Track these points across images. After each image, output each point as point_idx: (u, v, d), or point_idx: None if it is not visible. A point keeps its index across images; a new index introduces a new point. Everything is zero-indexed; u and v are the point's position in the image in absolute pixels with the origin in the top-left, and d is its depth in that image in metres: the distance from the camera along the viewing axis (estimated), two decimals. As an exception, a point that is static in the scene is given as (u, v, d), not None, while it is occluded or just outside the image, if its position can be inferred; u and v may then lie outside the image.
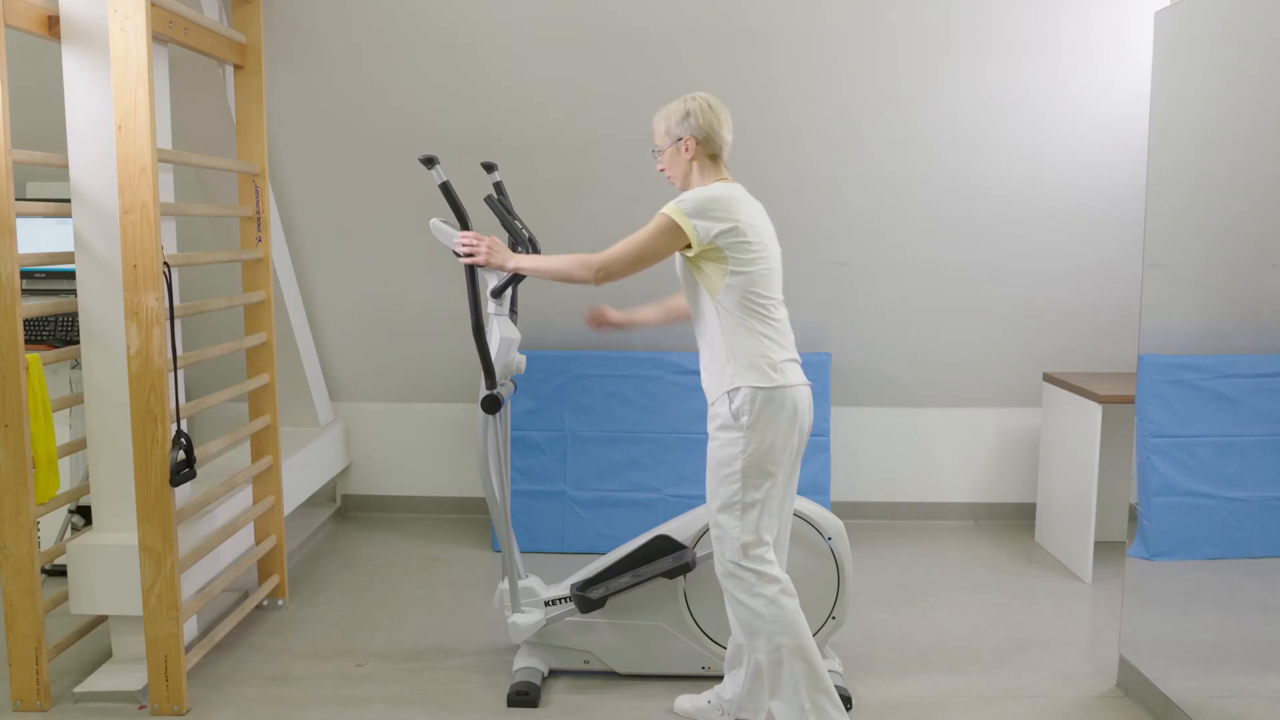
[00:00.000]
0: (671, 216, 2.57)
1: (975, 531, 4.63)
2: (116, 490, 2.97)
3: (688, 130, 2.67)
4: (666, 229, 2.58)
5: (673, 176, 2.75)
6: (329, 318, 4.56)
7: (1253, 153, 2.72)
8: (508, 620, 3.04)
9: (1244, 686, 2.77)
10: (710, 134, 2.68)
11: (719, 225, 2.57)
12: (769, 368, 2.59)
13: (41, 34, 2.88)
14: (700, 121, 2.67)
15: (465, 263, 2.77)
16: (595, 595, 3.00)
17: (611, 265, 2.60)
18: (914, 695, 3.05)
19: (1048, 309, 4.40)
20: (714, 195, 2.61)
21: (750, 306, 2.61)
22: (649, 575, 2.99)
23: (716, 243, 2.57)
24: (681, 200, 2.60)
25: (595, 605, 3.02)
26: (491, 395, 2.94)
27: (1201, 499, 2.89)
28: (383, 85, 4.00)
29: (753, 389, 2.57)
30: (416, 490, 4.85)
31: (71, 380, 3.86)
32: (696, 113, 2.67)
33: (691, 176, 2.72)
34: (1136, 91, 3.82)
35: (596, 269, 2.61)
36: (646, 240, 2.59)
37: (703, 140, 2.68)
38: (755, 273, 2.61)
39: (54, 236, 3.80)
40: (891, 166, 4.12)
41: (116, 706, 2.94)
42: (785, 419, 2.60)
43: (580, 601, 3.01)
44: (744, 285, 2.60)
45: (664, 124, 2.72)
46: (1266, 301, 2.70)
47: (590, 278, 2.62)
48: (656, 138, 2.76)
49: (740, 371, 2.59)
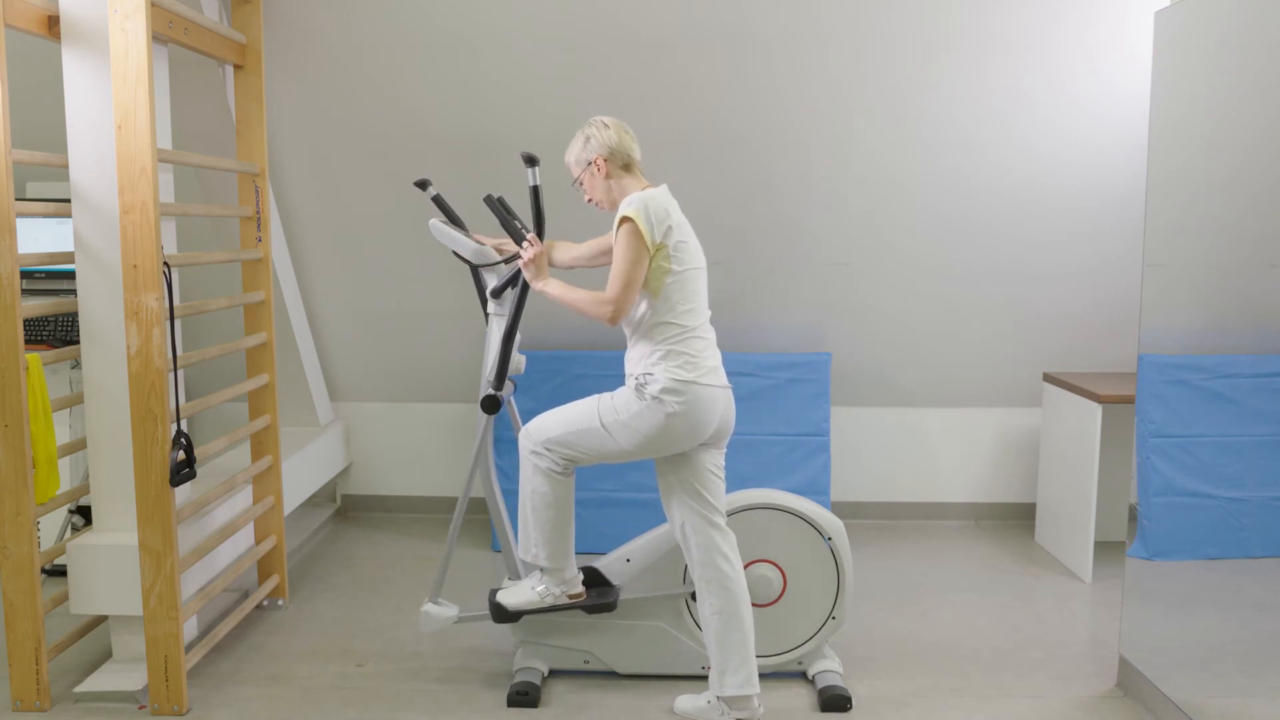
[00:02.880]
0: (632, 218, 2.68)
1: (975, 531, 4.63)
2: (116, 490, 2.97)
3: (593, 152, 2.82)
4: (635, 234, 2.69)
5: (599, 201, 2.88)
6: (329, 318, 4.56)
7: (1253, 153, 2.72)
8: (421, 607, 3.07)
9: (1244, 686, 2.77)
10: (614, 148, 2.81)
11: (661, 225, 2.70)
12: (691, 365, 2.74)
13: (41, 34, 2.88)
14: (601, 139, 2.82)
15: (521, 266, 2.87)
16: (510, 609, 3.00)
17: (618, 295, 2.71)
18: (914, 695, 3.05)
19: (1048, 309, 4.40)
20: (646, 198, 2.73)
21: (682, 306, 2.75)
22: (564, 606, 2.99)
23: (663, 241, 2.70)
24: (629, 203, 2.72)
25: (508, 619, 3.02)
26: (491, 395, 2.94)
27: (1201, 499, 2.89)
28: (383, 85, 4.00)
29: (667, 378, 2.71)
30: (416, 490, 4.85)
31: (71, 380, 3.86)
32: (595, 134, 2.82)
33: (614, 192, 2.84)
34: (1136, 92, 3.82)
35: (611, 305, 2.72)
36: (628, 254, 2.70)
37: (610, 156, 2.81)
38: (688, 272, 2.76)
39: (54, 236, 3.80)
40: (891, 167, 4.12)
41: (116, 706, 2.94)
42: (690, 416, 2.72)
43: (494, 609, 3.01)
44: (680, 285, 2.74)
45: (572, 156, 2.89)
46: (1266, 301, 2.70)
47: (606, 314, 2.73)
48: (572, 172, 2.89)
49: (663, 364, 2.73)
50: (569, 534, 2.92)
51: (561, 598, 2.97)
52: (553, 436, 2.83)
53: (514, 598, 2.98)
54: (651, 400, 2.72)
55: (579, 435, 2.81)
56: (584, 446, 2.82)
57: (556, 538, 2.90)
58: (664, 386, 2.71)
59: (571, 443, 2.82)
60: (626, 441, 2.77)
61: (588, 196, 2.89)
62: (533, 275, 2.85)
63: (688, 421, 2.73)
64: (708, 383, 2.75)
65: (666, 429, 2.73)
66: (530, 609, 2.98)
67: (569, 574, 2.95)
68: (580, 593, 2.98)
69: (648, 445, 2.77)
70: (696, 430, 2.76)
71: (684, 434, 2.75)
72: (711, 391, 2.76)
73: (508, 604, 2.98)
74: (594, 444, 2.81)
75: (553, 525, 2.88)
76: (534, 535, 2.90)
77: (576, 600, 2.98)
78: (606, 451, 2.82)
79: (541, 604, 2.97)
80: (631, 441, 2.77)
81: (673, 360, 2.73)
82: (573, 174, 2.90)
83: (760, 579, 3.05)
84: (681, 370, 2.72)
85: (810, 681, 3.08)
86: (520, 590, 2.99)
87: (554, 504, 2.87)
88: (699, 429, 2.76)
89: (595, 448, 2.81)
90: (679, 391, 2.71)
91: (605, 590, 3.05)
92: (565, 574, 2.95)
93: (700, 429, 2.76)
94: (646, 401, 2.73)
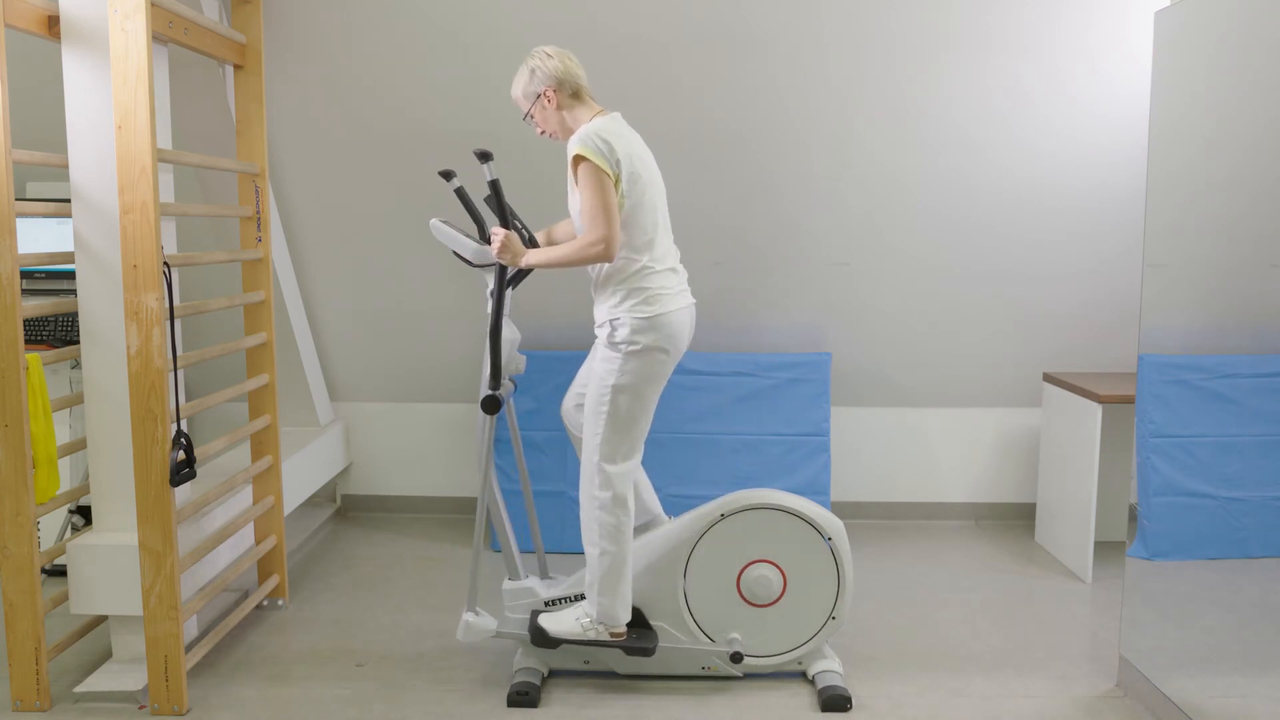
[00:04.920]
0: (583, 155, 2.71)
1: (975, 531, 4.63)
2: (116, 490, 2.97)
3: (540, 84, 2.83)
4: (592, 167, 2.71)
5: (553, 132, 2.90)
6: (329, 318, 4.56)
7: (1253, 153, 2.72)
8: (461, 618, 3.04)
9: (1244, 686, 2.77)
10: (562, 76, 2.83)
11: (611, 155, 2.72)
12: (655, 299, 2.82)
13: (41, 34, 2.88)
14: (547, 69, 2.83)
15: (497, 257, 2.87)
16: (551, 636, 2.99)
17: (601, 229, 2.73)
18: (914, 695, 3.05)
19: (1048, 309, 4.40)
20: (596, 129, 2.75)
21: (640, 239, 2.81)
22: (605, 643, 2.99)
23: (616, 169, 2.73)
24: (578, 139, 2.74)
25: (548, 644, 3.01)
26: (491, 395, 2.94)
27: (1201, 499, 2.89)
28: (383, 85, 4.00)
29: (631, 318, 2.80)
30: (416, 490, 4.85)
31: (71, 380, 3.86)
32: (540, 65, 2.84)
33: (567, 122, 2.86)
34: (1136, 92, 3.82)
35: (595, 242, 2.73)
36: (593, 186, 2.72)
37: (559, 86, 2.82)
38: (643, 203, 2.80)
39: (54, 236, 3.80)
40: (891, 167, 4.12)
41: (116, 706, 2.94)
42: (666, 344, 2.84)
43: (535, 632, 3.00)
44: (633, 218, 2.78)
45: (519, 90, 2.89)
46: (1266, 301, 2.70)
47: (601, 251, 2.74)
48: (521, 107, 2.90)
49: (625, 304, 2.81)
50: (626, 581, 2.95)
51: (604, 634, 2.97)
52: (603, 441, 2.86)
53: (558, 625, 2.98)
54: (628, 350, 2.80)
55: (614, 426, 2.84)
56: (624, 428, 2.85)
57: (613, 583, 2.93)
58: (632, 328, 2.79)
59: (615, 435, 2.85)
60: (640, 397, 2.85)
61: (540, 129, 2.90)
62: (511, 259, 2.85)
63: (669, 351, 2.85)
64: (673, 308, 2.85)
65: (653, 366, 2.83)
66: (571, 639, 2.98)
67: (619, 620, 2.98)
68: (622, 632, 2.98)
69: (653, 389, 2.86)
70: (676, 354, 2.90)
71: (669, 362, 2.88)
72: (679, 315, 2.87)
73: (551, 631, 2.98)
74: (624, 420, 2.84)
75: (612, 572, 2.91)
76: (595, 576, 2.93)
77: (618, 639, 2.98)
78: (642, 416, 2.87)
79: (584, 637, 2.97)
80: (642, 393, 2.85)
81: (635, 299, 2.81)
82: (522, 109, 2.89)
83: (760, 579, 3.05)
84: (646, 306, 2.81)
85: (810, 681, 3.08)
86: (565, 619, 2.99)
87: (616, 556, 2.90)
88: (677, 353, 2.90)
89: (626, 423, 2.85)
90: (648, 329, 2.81)
91: (646, 634, 3.04)
92: (615, 619, 2.97)
93: (678, 352, 2.90)
94: (623, 354, 2.80)
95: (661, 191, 2.91)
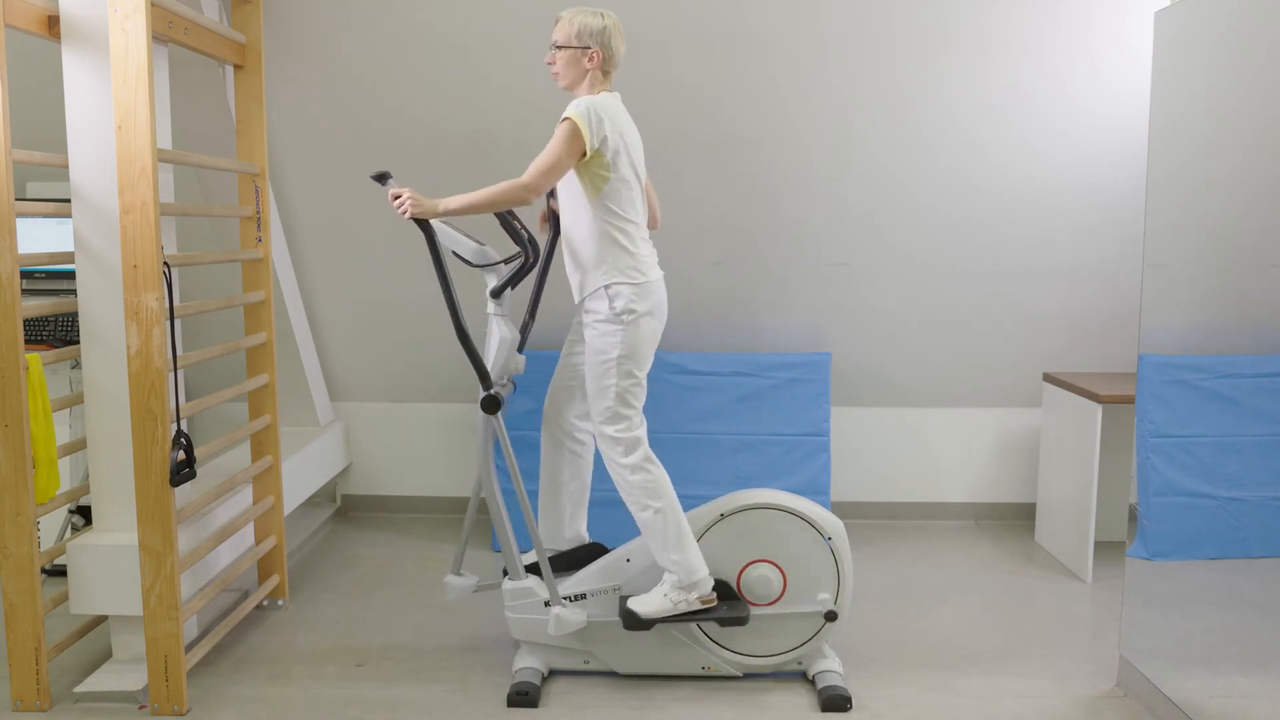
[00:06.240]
0: (574, 119, 2.76)
1: (975, 531, 4.63)
2: (116, 490, 2.97)
3: (598, 43, 2.88)
4: (573, 133, 2.77)
5: (565, 78, 2.94)
6: (329, 318, 4.56)
7: (1253, 153, 2.72)
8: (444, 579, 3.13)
9: (1244, 686, 2.77)
10: (614, 53, 2.94)
11: (599, 131, 2.78)
12: (645, 266, 2.93)
13: (41, 34, 2.88)
14: (611, 41, 2.90)
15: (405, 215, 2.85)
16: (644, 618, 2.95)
17: (536, 179, 2.79)
18: (914, 695, 3.05)
19: (1048, 309, 4.40)
20: (600, 103, 2.84)
21: (630, 210, 2.90)
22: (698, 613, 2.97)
23: (602, 149, 2.79)
24: (576, 105, 2.80)
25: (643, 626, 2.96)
26: (491, 395, 2.94)
27: (1201, 499, 2.89)
28: (383, 85, 4.00)
29: (625, 286, 2.88)
30: (416, 490, 4.85)
31: (71, 380, 3.86)
32: (612, 31, 2.92)
33: (584, 84, 2.92)
34: (1136, 91, 3.82)
35: (526, 186, 2.79)
36: (559, 147, 2.78)
37: (607, 58, 2.92)
38: (629, 180, 2.90)
39: (54, 236, 3.80)
40: (891, 167, 4.12)
41: (116, 706, 2.94)
42: (655, 310, 2.94)
43: (627, 617, 2.96)
44: (618, 189, 2.87)
45: (575, 27, 2.90)
46: (1266, 301, 2.70)
47: (524, 195, 2.79)
48: (560, 35, 2.92)
49: (611, 271, 2.88)
50: (689, 533, 2.94)
51: (694, 603, 2.93)
52: (614, 413, 2.91)
53: (647, 606, 2.94)
54: (629, 320, 2.87)
55: (617, 393, 2.89)
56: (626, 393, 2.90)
57: (680, 540, 2.91)
58: (628, 297, 2.88)
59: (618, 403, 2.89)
60: (642, 365, 2.93)
61: (551, 61, 2.94)
62: (417, 206, 2.81)
63: (656, 317, 2.96)
64: (654, 277, 2.96)
65: (649, 332, 2.92)
66: (664, 617, 2.95)
67: (701, 575, 2.93)
68: (712, 599, 2.96)
69: (650, 353, 2.95)
70: (663, 321, 3.00)
71: (659, 329, 2.99)
72: (660, 285, 2.99)
73: (642, 613, 2.94)
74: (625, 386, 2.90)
75: (675, 530, 2.91)
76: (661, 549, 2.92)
77: (709, 607, 2.96)
78: (643, 380, 2.94)
79: (675, 611, 2.94)
80: (644, 360, 2.93)
81: (625, 264, 2.88)
82: (560, 36, 2.91)
83: (760, 579, 3.04)
84: (636, 273, 2.90)
85: (810, 681, 3.08)
86: (652, 599, 2.95)
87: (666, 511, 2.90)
88: (663, 319, 3.00)
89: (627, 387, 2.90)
90: (641, 296, 2.90)
91: (736, 604, 3.02)
92: (697, 576, 2.93)
93: (663, 319, 3.00)
94: (624, 325, 2.87)
95: (643, 166, 3.00)
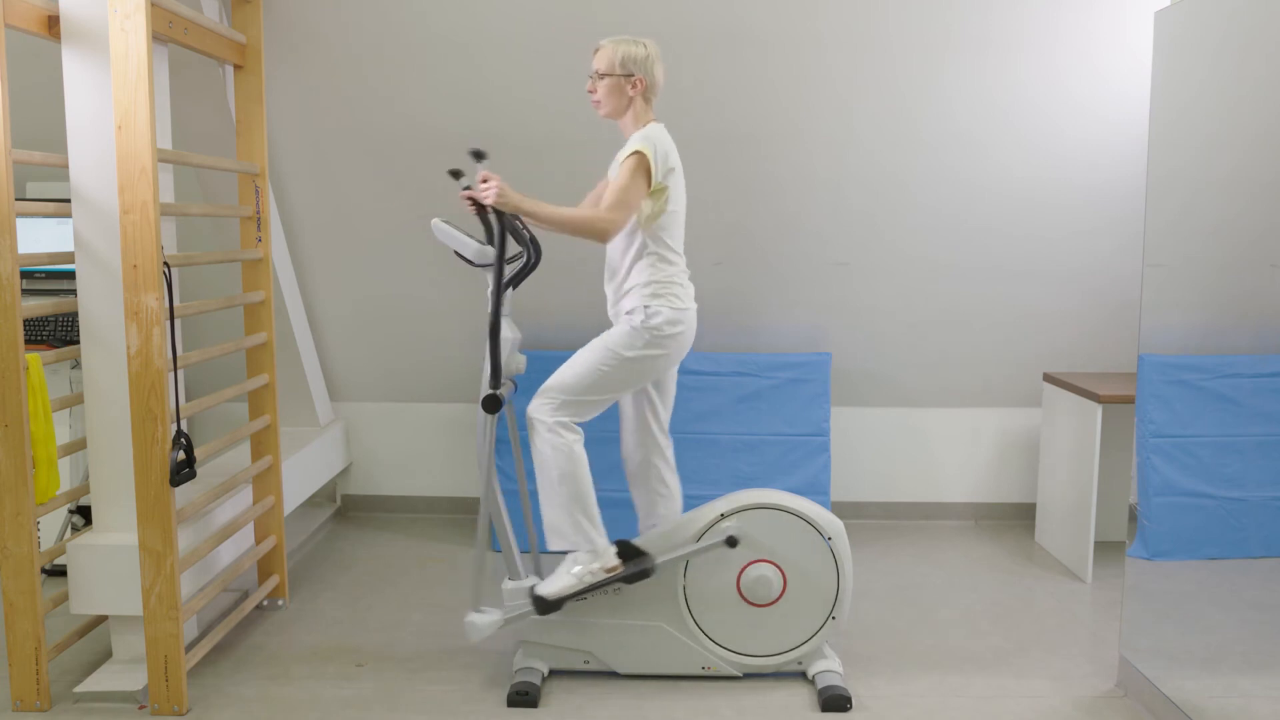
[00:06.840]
0: (645, 153, 2.80)
1: (975, 531, 4.63)
2: (116, 490, 2.97)
3: (642, 71, 2.92)
4: (643, 168, 2.81)
5: (606, 105, 2.97)
6: (329, 318, 4.56)
7: (1253, 153, 2.72)
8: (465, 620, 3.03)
9: (1244, 686, 2.78)
10: (656, 81, 2.99)
11: (665, 166, 2.84)
12: (685, 294, 2.99)
13: (41, 34, 2.88)
14: (655, 74, 2.95)
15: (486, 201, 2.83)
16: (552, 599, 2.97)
17: (616, 216, 2.83)
18: (914, 695, 3.05)
19: (1048, 309, 4.40)
20: (659, 137, 2.90)
21: (676, 242, 2.97)
22: (604, 582, 2.98)
23: (665, 181, 2.84)
24: (641, 140, 2.84)
25: (552, 608, 2.99)
26: (492, 395, 2.94)
27: (1201, 499, 2.89)
28: (383, 85, 4.00)
29: (666, 309, 2.93)
30: (416, 490, 4.85)
31: (71, 380, 3.86)
32: (654, 58, 2.99)
33: (628, 113, 2.95)
34: (1136, 91, 3.82)
35: (609, 221, 2.83)
36: (631, 182, 2.82)
37: (648, 88, 2.94)
38: (680, 211, 2.97)
39: (54, 236, 3.80)
40: (891, 166, 4.12)
41: (116, 706, 2.94)
42: (682, 340, 2.99)
43: (537, 603, 2.99)
44: (671, 222, 2.95)
45: (619, 55, 2.93)
46: (1266, 301, 2.70)
47: (604, 230, 2.84)
48: (603, 64, 2.94)
49: (662, 298, 2.93)
50: (592, 504, 2.96)
51: (599, 574, 2.96)
52: (570, 384, 2.92)
53: (553, 586, 2.98)
54: (658, 336, 2.91)
55: (593, 383, 2.91)
56: (599, 390, 2.92)
57: (580, 510, 2.93)
58: (666, 319, 2.91)
59: (589, 389, 2.91)
60: (633, 381, 2.97)
61: (596, 96, 2.97)
62: (503, 196, 2.78)
63: (680, 346, 3.00)
64: (692, 305, 3.03)
65: (662, 361, 2.96)
66: (572, 593, 2.97)
67: (600, 545, 2.97)
68: (616, 565, 2.98)
69: (644, 380, 3.00)
70: (679, 358, 3.05)
71: (676, 357, 3.02)
72: (694, 314, 3.03)
73: (548, 594, 2.97)
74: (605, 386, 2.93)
75: (575, 498, 2.92)
76: (561, 516, 2.94)
77: (614, 574, 2.98)
78: (615, 391, 2.97)
79: (581, 585, 2.96)
80: (637, 379, 2.97)
81: (669, 292, 2.93)
82: (603, 65, 2.94)
83: (760, 579, 3.05)
84: (679, 301, 2.96)
85: (810, 681, 3.08)
86: (558, 578, 2.99)
87: (573, 476, 2.91)
88: (681, 355, 3.05)
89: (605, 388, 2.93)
90: (678, 321, 2.94)
91: (641, 558, 3.03)
92: (597, 546, 2.97)
93: (682, 355, 3.05)
94: (652, 337, 2.90)
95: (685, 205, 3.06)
